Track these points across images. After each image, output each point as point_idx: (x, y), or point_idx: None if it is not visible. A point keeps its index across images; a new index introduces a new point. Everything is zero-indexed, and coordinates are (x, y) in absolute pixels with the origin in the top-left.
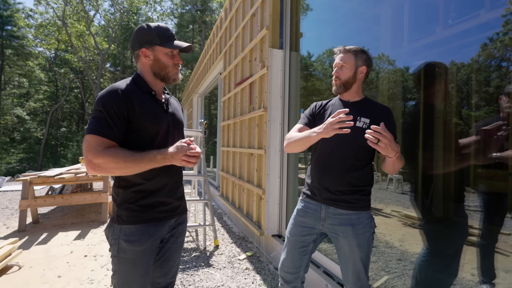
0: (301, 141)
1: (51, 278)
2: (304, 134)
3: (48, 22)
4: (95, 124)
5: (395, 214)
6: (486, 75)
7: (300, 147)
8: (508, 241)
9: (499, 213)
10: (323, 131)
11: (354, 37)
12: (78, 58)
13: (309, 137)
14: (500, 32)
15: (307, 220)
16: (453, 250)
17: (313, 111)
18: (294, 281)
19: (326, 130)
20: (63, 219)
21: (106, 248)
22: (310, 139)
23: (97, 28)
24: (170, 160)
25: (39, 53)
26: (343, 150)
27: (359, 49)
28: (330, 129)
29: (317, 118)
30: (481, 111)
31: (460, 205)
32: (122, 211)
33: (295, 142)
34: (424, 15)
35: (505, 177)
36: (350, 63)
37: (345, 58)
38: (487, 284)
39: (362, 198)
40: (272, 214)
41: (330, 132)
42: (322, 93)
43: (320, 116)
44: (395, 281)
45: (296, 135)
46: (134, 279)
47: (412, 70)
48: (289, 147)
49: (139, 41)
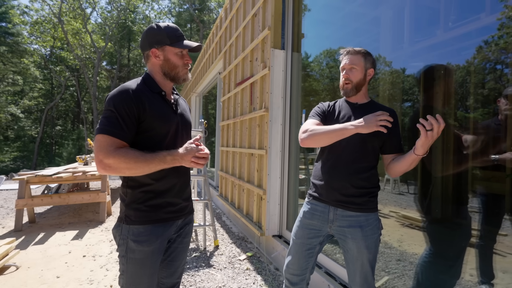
0: (333, 134)
1: (49, 279)
2: (335, 127)
3: (44, 19)
4: (106, 124)
5: (392, 215)
6: (481, 78)
7: (329, 139)
8: (505, 241)
9: (497, 214)
10: (365, 126)
11: (351, 39)
12: (74, 56)
13: (345, 129)
14: (496, 35)
15: (315, 223)
16: (456, 252)
17: (324, 109)
18: (299, 283)
19: (368, 125)
20: (60, 219)
21: (105, 249)
22: (345, 132)
23: (94, 26)
24: (180, 161)
25: (34, 50)
26: (352, 151)
27: (367, 51)
28: (374, 124)
29: (328, 117)
30: (476, 112)
31: (463, 206)
32: (130, 211)
33: (323, 134)
34: (423, 17)
35: (503, 179)
36: (360, 65)
37: (354, 60)
38: (486, 285)
39: (371, 200)
40: (272, 215)
41: (373, 127)
42: (319, 93)
43: (330, 116)
44: (395, 282)
45: (323, 127)
46: (142, 280)
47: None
48: (312, 139)
49: (149, 41)
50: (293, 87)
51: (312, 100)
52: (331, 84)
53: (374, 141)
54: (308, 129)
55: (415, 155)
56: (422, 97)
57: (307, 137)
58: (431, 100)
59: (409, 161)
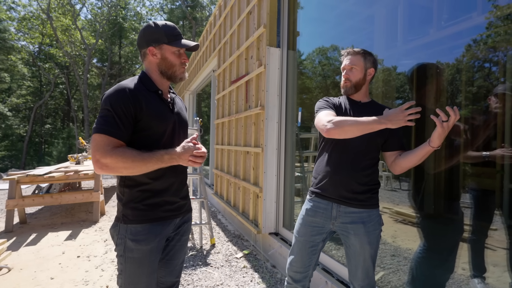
0: (363, 126)
1: (43, 280)
2: (366, 119)
3: (32, 15)
4: (103, 123)
5: (386, 211)
6: (470, 75)
7: (358, 131)
8: (495, 236)
9: (488, 209)
10: (394, 122)
11: (344, 37)
12: (64, 53)
13: (375, 123)
14: (484, 34)
15: (317, 220)
16: (449, 247)
17: (334, 103)
18: (303, 280)
19: (397, 120)
20: (52, 219)
21: (99, 249)
22: (375, 126)
23: (84, 22)
24: (177, 160)
25: (22, 47)
26: (356, 148)
27: (366, 51)
28: (403, 120)
29: (337, 111)
30: (466, 110)
31: (455, 202)
32: (128, 211)
33: (353, 125)
34: (416, 16)
35: (494, 175)
36: (360, 65)
37: (354, 60)
38: (478, 278)
39: (373, 196)
40: (269, 212)
41: (401, 123)
42: (312, 91)
43: (338, 110)
44: (391, 277)
45: (352, 118)
46: (141, 279)
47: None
48: (342, 129)
49: (147, 40)
50: (288, 85)
51: (305, 98)
52: (324, 82)
53: (377, 138)
54: (332, 119)
55: (430, 147)
56: (415, 95)
57: (336, 128)
58: (423, 98)
59: (421, 154)
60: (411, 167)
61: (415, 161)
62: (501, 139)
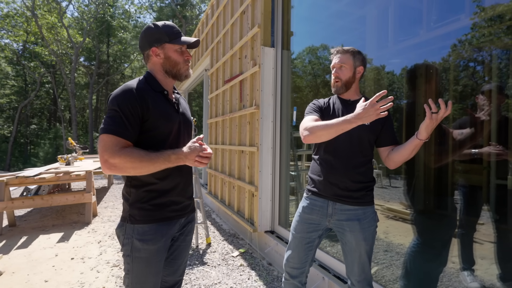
0: (334, 128)
1: (37, 283)
2: (336, 120)
3: (16, 13)
4: (110, 124)
5: (377, 208)
6: (456, 74)
7: (331, 134)
8: (481, 230)
9: (476, 204)
10: (364, 119)
11: (335, 37)
12: (50, 51)
13: (347, 122)
14: (469, 34)
15: (314, 217)
16: (442, 241)
17: (320, 105)
18: (299, 275)
19: (367, 116)
20: (43, 221)
21: (93, 250)
22: (347, 125)
23: (70, 20)
24: (184, 160)
25: (6, 45)
26: (349, 146)
27: (356, 50)
28: (374, 115)
29: (324, 113)
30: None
31: (447, 198)
32: (135, 211)
33: (325, 129)
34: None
35: (481, 171)
36: (349, 64)
37: (344, 58)
38: (467, 271)
39: (368, 194)
40: (265, 211)
41: (374, 116)
42: (302, 90)
43: (326, 112)
44: (384, 272)
45: (324, 122)
46: (148, 278)
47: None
48: (315, 135)
49: (148, 41)
50: (283, 84)
51: (296, 96)
52: (314, 81)
53: (369, 135)
54: (308, 126)
55: (418, 140)
56: (410, 94)
57: (310, 134)
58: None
59: (411, 148)
60: (404, 161)
61: (406, 155)
62: (488, 137)
